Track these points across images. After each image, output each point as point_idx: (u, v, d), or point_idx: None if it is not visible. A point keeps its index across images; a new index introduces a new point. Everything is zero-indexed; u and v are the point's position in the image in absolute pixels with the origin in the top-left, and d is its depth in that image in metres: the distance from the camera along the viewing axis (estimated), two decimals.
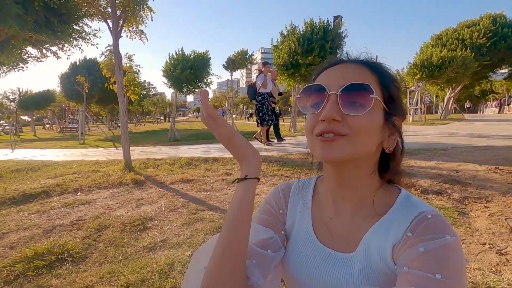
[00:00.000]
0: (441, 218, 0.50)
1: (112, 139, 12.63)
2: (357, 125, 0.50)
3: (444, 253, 0.45)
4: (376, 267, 0.53)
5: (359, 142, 0.51)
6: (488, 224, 2.22)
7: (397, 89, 0.58)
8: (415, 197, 0.58)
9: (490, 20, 19.25)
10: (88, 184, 4.01)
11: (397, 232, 0.52)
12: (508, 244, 1.92)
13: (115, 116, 36.22)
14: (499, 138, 7.02)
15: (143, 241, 2.30)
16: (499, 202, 2.65)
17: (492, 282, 1.51)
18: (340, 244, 0.59)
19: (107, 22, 4.72)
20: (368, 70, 0.55)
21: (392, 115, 0.55)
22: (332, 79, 0.54)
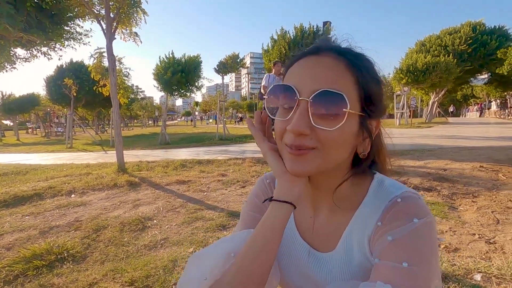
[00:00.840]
0: (411, 200, 0.49)
1: (100, 143, 12.41)
2: (326, 139, 0.46)
3: (411, 239, 0.44)
4: (358, 263, 0.53)
5: (328, 155, 0.47)
6: (477, 217, 2.34)
7: (378, 86, 0.51)
8: (389, 179, 0.55)
9: (470, 28, 20.12)
10: (81, 186, 3.95)
11: (371, 223, 0.51)
12: (496, 234, 2.03)
13: (102, 120, 35.53)
14: (481, 140, 7.33)
15: (143, 239, 2.31)
16: (485, 197, 2.80)
17: (483, 267, 1.60)
18: (321, 243, 0.59)
19: (100, 24, 4.70)
20: (345, 67, 0.47)
21: (368, 118, 0.50)
22: (304, 79, 0.47)
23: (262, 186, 0.70)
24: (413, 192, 0.51)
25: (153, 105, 48.36)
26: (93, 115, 28.87)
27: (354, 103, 0.47)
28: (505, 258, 1.69)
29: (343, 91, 0.45)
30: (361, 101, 0.48)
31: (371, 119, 0.51)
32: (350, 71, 0.47)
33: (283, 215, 0.50)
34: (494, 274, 1.55)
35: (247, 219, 0.66)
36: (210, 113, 50.53)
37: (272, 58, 11.64)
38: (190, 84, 11.64)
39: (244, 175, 4.26)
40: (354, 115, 0.47)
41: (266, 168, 4.67)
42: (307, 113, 0.46)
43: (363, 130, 0.50)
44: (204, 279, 0.53)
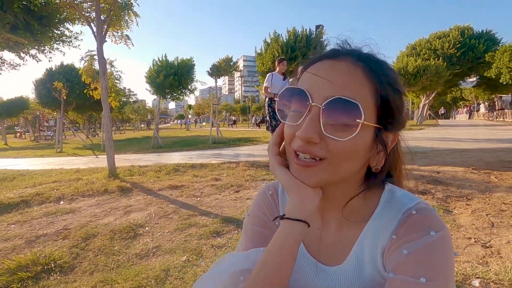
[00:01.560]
0: (426, 212, 0.47)
1: (91, 147, 12.20)
2: (337, 149, 0.43)
3: (428, 253, 0.42)
4: (369, 277, 0.50)
5: (338, 167, 0.45)
6: (472, 220, 2.34)
7: (398, 96, 0.47)
8: (400, 189, 0.53)
9: (459, 32, 20.60)
10: (70, 193, 3.84)
11: (384, 236, 0.49)
12: (491, 238, 2.03)
13: (93, 124, 35.03)
14: (472, 142, 7.44)
15: (135, 248, 2.23)
16: (479, 200, 2.81)
17: (481, 273, 1.59)
18: (328, 256, 0.56)
19: (91, 26, 4.62)
20: (363, 73, 0.44)
21: (385, 131, 0.47)
22: (318, 83, 0.45)
23: (265, 198, 0.65)
24: (426, 203, 0.49)
25: (146, 108, 47.94)
26: (84, 119, 28.42)
27: (370, 113, 0.44)
28: (502, 263, 1.68)
29: (359, 100, 0.42)
30: (377, 112, 0.45)
31: (387, 132, 0.48)
32: (368, 78, 0.44)
33: (296, 234, 0.47)
34: (492, 279, 1.53)
35: (252, 234, 0.62)
36: (203, 116, 50.36)
37: (265, 61, 11.66)
38: (183, 87, 11.57)
39: (238, 180, 4.21)
40: (368, 127, 0.44)
41: (260, 171, 4.63)
42: (318, 120, 0.44)
43: (378, 143, 0.47)
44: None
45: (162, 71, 10.81)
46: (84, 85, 9.25)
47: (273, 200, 0.65)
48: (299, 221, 0.47)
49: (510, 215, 2.40)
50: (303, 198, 0.47)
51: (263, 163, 5.37)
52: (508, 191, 3.03)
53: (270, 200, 0.65)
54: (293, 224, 0.47)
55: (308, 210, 0.47)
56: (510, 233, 2.10)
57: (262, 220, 0.63)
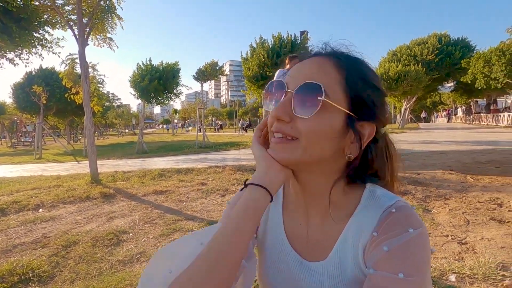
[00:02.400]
0: (405, 210, 0.49)
1: (72, 153, 11.83)
2: (304, 128, 0.47)
3: (406, 250, 0.44)
4: (351, 273, 0.51)
5: (308, 146, 0.48)
6: (449, 219, 2.44)
7: (373, 91, 0.50)
8: (380, 189, 0.54)
9: (436, 39, 21.49)
10: (50, 200, 3.72)
11: (366, 233, 0.50)
12: (467, 235, 2.13)
13: (75, 129, 33.99)
14: (450, 144, 7.75)
15: (118, 255, 2.19)
16: (456, 199, 2.93)
17: (457, 268, 1.66)
18: (312, 252, 0.57)
19: (72, 30, 4.52)
20: (332, 65, 0.49)
21: (358, 120, 0.49)
22: (294, 76, 0.51)
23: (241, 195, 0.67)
24: (405, 202, 0.51)
25: (130, 113, 47.03)
26: (65, 124, 27.54)
27: (337, 98, 0.48)
28: (476, 258, 1.76)
29: (323, 83, 0.47)
30: (347, 100, 0.48)
31: (362, 122, 0.50)
32: (335, 68, 0.49)
33: (258, 201, 0.49)
34: (467, 274, 1.60)
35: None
36: (189, 121, 49.92)
37: (251, 66, 11.73)
38: (168, 91, 11.46)
39: (224, 184, 4.20)
40: (336, 110, 0.48)
41: (247, 175, 4.64)
42: (289, 102, 0.48)
43: (353, 131, 0.49)
44: (169, 272, 0.49)
45: (146, 75, 10.68)
46: (65, 89, 8.99)
47: None
48: (261, 187, 0.49)
49: (484, 213, 2.52)
50: (268, 169, 0.50)
51: (250, 166, 5.39)
52: (482, 190, 3.18)
53: None
54: (255, 189, 0.49)
55: (271, 180, 0.50)
56: (484, 230, 2.20)
57: None
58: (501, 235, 2.08)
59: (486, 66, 16.83)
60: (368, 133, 0.50)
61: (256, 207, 0.48)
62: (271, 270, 0.61)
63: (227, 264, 0.46)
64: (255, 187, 0.49)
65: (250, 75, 11.59)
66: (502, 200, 2.83)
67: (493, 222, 2.33)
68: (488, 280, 1.55)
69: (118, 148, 14.48)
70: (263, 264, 0.63)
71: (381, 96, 0.52)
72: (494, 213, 2.52)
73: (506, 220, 2.34)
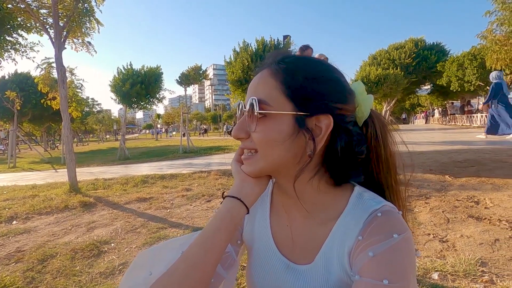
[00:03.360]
0: (391, 214, 0.49)
1: (50, 160, 11.35)
2: (256, 140, 0.51)
3: (391, 255, 0.44)
4: (337, 277, 0.51)
5: (267, 156, 0.51)
6: (430, 217, 2.51)
7: (315, 80, 0.50)
8: (368, 192, 0.55)
9: (413, 44, 22.36)
10: (25, 211, 3.53)
11: (351, 237, 0.50)
12: (447, 233, 2.19)
13: (52, 136, 32.67)
14: (428, 144, 8.03)
15: (99, 267, 2.10)
16: (436, 198, 3.02)
17: (439, 266, 1.70)
18: (298, 255, 0.57)
19: (48, 33, 4.35)
20: (269, 74, 0.51)
21: (310, 116, 0.49)
22: (247, 94, 0.54)
23: None
24: (392, 206, 0.51)
25: (111, 118, 45.75)
26: (41, 131, 26.43)
27: (280, 104, 0.49)
28: (457, 255, 1.82)
29: (265, 96, 0.50)
30: (290, 101, 0.49)
31: (315, 116, 0.49)
32: (273, 76, 0.51)
33: (234, 211, 0.52)
34: (449, 271, 1.65)
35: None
36: (173, 126, 49.19)
37: (235, 70, 11.74)
38: (150, 96, 11.25)
39: (210, 189, 4.14)
40: (279, 115, 0.49)
41: (232, 179, 4.59)
42: (244, 121, 0.53)
43: (306, 130, 0.49)
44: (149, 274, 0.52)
45: (128, 80, 10.44)
46: (42, 94, 8.65)
47: None
48: (236, 199, 0.52)
49: (462, 211, 2.62)
50: (243, 182, 0.54)
51: None
52: (460, 189, 3.31)
53: None
54: (231, 201, 0.52)
55: (246, 193, 0.53)
56: (463, 227, 2.28)
57: None
58: (479, 231, 2.16)
59: (460, 70, 17.69)
60: (325, 125, 0.49)
61: (231, 217, 0.51)
62: (259, 273, 0.61)
63: (202, 271, 0.49)
64: (231, 199, 0.52)
65: (234, 79, 11.60)
66: (479, 198, 2.94)
67: (471, 220, 2.41)
68: (468, 277, 1.59)
69: (99, 154, 14.02)
70: (251, 267, 0.63)
71: (331, 84, 0.51)
72: (471, 210, 2.62)
73: (483, 217, 2.44)
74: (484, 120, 15.94)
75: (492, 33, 10.64)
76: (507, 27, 9.67)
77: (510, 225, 2.24)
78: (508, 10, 9.26)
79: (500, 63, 10.87)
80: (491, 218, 2.40)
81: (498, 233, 2.12)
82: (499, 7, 9.46)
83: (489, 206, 2.70)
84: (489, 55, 11.04)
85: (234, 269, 0.61)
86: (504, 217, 2.40)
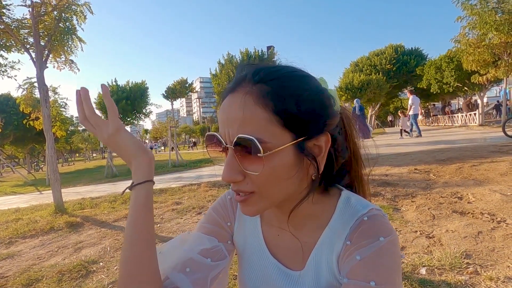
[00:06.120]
0: (377, 218, 0.50)
1: (34, 183, 11.00)
2: (259, 182, 0.45)
3: (377, 258, 0.45)
4: (326, 282, 0.52)
5: (269, 195, 0.47)
6: (417, 215, 2.57)
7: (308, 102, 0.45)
8: (355, 196, 0.55)
9: (393, 50, 23.20)
10: (8, 235, 3.40)
11: (339, 243, 0.51)
12: (433, 229, 2.25)
13: (35, 158, 31.73)
14: (413, 145, 8.24)
15: (87, 287, 2.04)
16: (421, 196, 3.10)
17: (426, 261, 1.74)
18: (290, 260, 0.58)
19: (29, 53, 4.32)
20: (255, 101, 0.43)
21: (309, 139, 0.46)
22: (223, 124, 0.46)
23: (223, 201, 0.68)
24: (378, 209, 0.52)
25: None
26: (24, 152, 25.65)
27: (277, 136, 0.44)
28: (443, 250, 1.87)
29: (257, 130, 0.43)
30: (286, 129, 0.44)
31: (314, 138, 0.47)
32: (259, 104, 0.43)
33: (146, 190, 0.55)
34: (436, 266, 1.69)
35: (200, 229, 0.64)
36: (161, 140, 48.66)
37: (221, 81, 11.87)
38: (137, 111, 11.17)
39: (200, 201, 4.11)
40: (280, 150, 0.44)
41: (223, 190, 4.58)
42: (234, 160, 0.45)
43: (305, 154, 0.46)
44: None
45: (113, 96, 10.32)
46: (24, 115, 8.45)
47: (230, 204, 0.66)
48: (146, 182, 0.55)
49: (447, 207, 2.69)
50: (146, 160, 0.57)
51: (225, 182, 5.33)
52: (444, 186, 3.40)
53: (228, 204, 0.66)
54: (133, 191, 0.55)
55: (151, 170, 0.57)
56: (448, 222, 2.34)
57: (214, 219, 0.65)
58: (463, 225, 2.22)
59: (438, 72, 18.38)
60: (324, 143, 0.48)
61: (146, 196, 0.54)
62: (250, 275, 0.61)
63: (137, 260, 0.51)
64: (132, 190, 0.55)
65: (221, 90, 11.68)
66: (462, 194, 3.04)
67: (455, 215, 2.49)
68: (454, 269, 1.64)
69: (85, 174, 13.68)
70: (242, 270, 0.63)
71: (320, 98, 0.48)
72: (455, 206, 2.70)
73: (467, 212, 2.52)
74: (464, 120, 16.52)
75: (465, 36, 11.19)
76: (479, 30, 10.19)
77: (492, 217, 2.32)
78: (477, 15, 9.79)
79: (475, 64, 11.41)
80: (474, 212, 2.48)
81: (481, 225, 2.20)
82: (469, 13, 9.99)
83: (471, 201, 2.79)
84: (465, 58, 11.58)
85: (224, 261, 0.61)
86: (486, 210, 2.49)
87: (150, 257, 0.52)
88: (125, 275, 0.51)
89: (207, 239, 0.60)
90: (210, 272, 0.57)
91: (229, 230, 0.65)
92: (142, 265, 0.51)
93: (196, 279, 0.55)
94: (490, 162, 4.32)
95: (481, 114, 14.83)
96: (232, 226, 0.65)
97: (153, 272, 0.52)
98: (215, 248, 0.60)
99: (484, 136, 9.03)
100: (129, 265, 0.51)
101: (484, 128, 12.60)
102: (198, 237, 0.61)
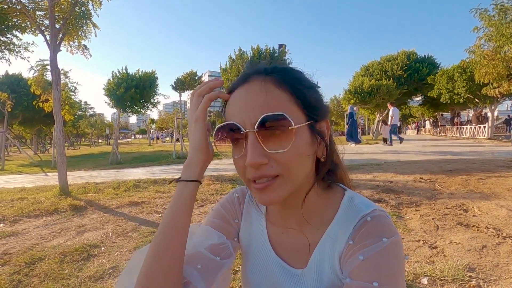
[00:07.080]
0: (380, 219, 0.50)
1: (39, 164, 11.15)
2: (286, 161, 0.46)
3: (380, 258, 0.45)
4: (328, 281, 0.52)
5: (294, 176, 0.48)
6: (420, 224, 2.55)
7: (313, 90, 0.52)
8: (359, 196, 0.56)
9: (405, 56, 22.87)
10: (13, 214, 3.45)
11: (341, 241, 0.51)
12: (437, 239, 2.23)
13: (42, 139, 32.14)
14: (419, 154, 8.17)
15: (88, 270, 2.06)
16: (426, 206, 3.07)
17: (428, 271, 1.73)
18: (293, 259, 0.58)
19: (44, 35, 4.34)
20: (274, 86, 0.48)
21: (316, 122, 0.51)
22: (242, 111, 0.48)
23: (231, 199, 0.70)
24: (381, 210, 0.52)
25: (104, 122, 45.28)
26: (32, 133, 25.98)
27: (297, 115, 0.48)
28: (446, 261, 1.85)
29: (282, 110, 0.46)
30: (302, 110, 0.49)
31: (319, 122, 0.52)
32: (280, 88, 0.48)
33: (189, 192, 0.54)
34: (438, 276, 1.67)
35: (208, 224, 0.65)
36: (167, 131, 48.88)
37: (230, 76, 11.85)
38: (145, 100, 11.22)
39: (203, 194, 4.13)
40: (301, 127, 0.48)
41: (226, 185, 4.59)
42: (258, 143, 0.46)
43: (315, 135, 0.51)
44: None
45: (122, 84, 10.41)
46: (33, 96, 8.54)
47: (238, 202, 0.68)
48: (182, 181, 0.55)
49: (451, 218, 2.67)
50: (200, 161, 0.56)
51: (229, 177, 5.35)
52: (449, 197, 3.37)
53: (236, 201, 0.68)
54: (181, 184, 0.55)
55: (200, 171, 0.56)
56: (452, 234, 2.32)
57: (222, 214, 0.67)
58: (467, 238, 2.20)
59: (450, 82, 18.11)
60: (326, 129, 0.54)
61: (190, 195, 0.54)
62: (254, 272, 0.62)
63: (167, 253, 0.50)
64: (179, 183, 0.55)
65: (229, 86, 11.68)
66: (467, 206, 3.00)
67: (460, 227, 2.46)
68: (456, 282, 1.62)
69: (90, 158, 13.82)
70: (246, 266, 0.64)
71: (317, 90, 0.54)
72: (460, 218, 2.67)
73: (471, 225, 2.49)
74: (473, 132, 16.30)
75: (480, 48, 10.99)
76: (494, 42, 10.01)
77: (497, 233, 2.29)
78: (494, 26, 9.60)
79: (488, 77, 11.20)
80: (479, 226, 2.45)
81: (486, 240, 2.17)
82: (486, 24, 9.81)
83: (477, 214, 2.76)
84: (478, 69, 11.37)
85: (230, 260, 0.61)
86: (492, 225, 2.46)
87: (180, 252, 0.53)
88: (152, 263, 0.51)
89: (216, 234, 0.62)
90: (219, 271, 0.58)
91: (236, 227, 0.66)
92: (172, 258, 0.51)
93: (207, 277, 0.56)
94: (498, 177, 4.27)
95: (491, 128, 14.62)
96: (239, 223, 0.66)
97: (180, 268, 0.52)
98: (222, 244, 0.61)
99: (492, 149, 8.91)
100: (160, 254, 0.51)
101: (492, 142, 12.43)
102: (207, 231, 0.62)
